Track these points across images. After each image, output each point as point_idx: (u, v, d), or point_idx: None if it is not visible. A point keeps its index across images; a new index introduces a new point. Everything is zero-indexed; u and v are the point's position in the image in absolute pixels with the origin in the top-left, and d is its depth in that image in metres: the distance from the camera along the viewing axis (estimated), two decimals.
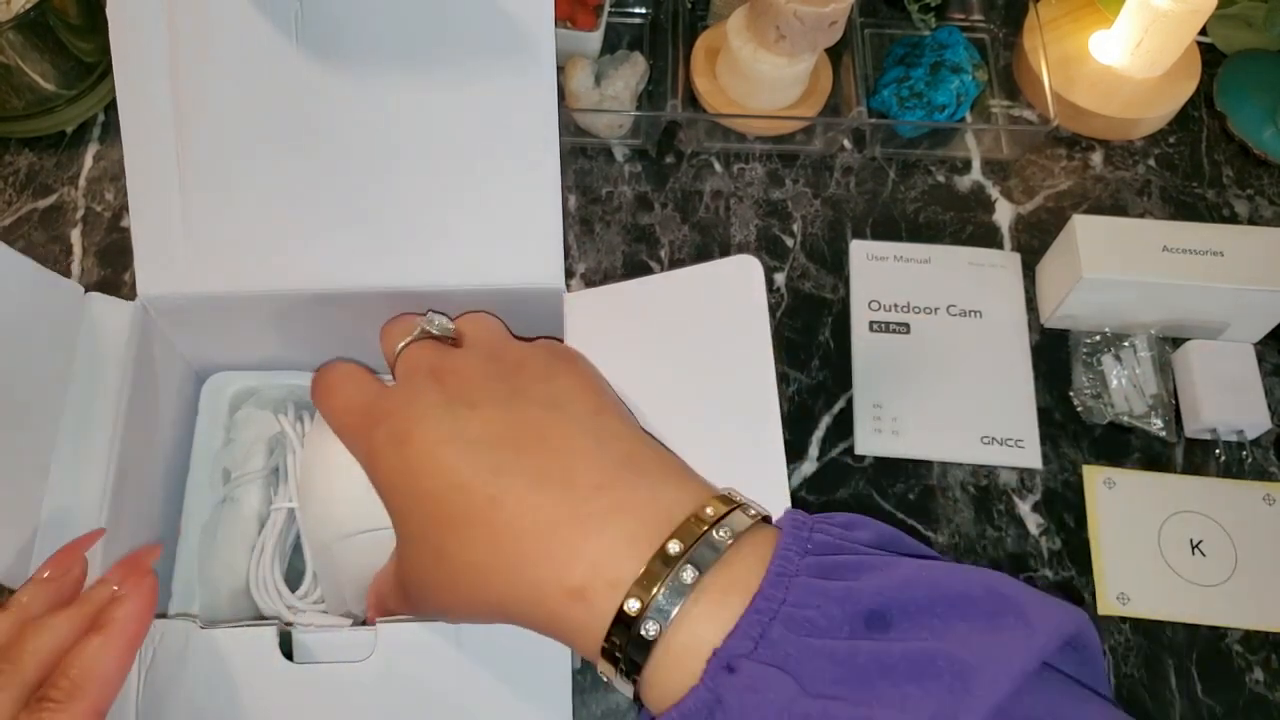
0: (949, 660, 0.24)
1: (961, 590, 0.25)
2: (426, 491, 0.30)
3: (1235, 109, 0.63)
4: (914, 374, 0.55)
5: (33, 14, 0.55)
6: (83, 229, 0.58)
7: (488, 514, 0.29)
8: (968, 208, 0.61)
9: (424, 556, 0.31)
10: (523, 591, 0.28)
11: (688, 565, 0.26)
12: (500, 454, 0.30)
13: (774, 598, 0.25)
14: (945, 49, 0.62)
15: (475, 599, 0.29)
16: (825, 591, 0.26)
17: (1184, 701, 0.48)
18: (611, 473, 0.29)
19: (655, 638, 0.26)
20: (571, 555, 0.27)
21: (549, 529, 0.28)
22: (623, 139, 0.62)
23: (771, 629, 0.25)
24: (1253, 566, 0.51)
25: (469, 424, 0.31)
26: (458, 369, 0.33)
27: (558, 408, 0.32)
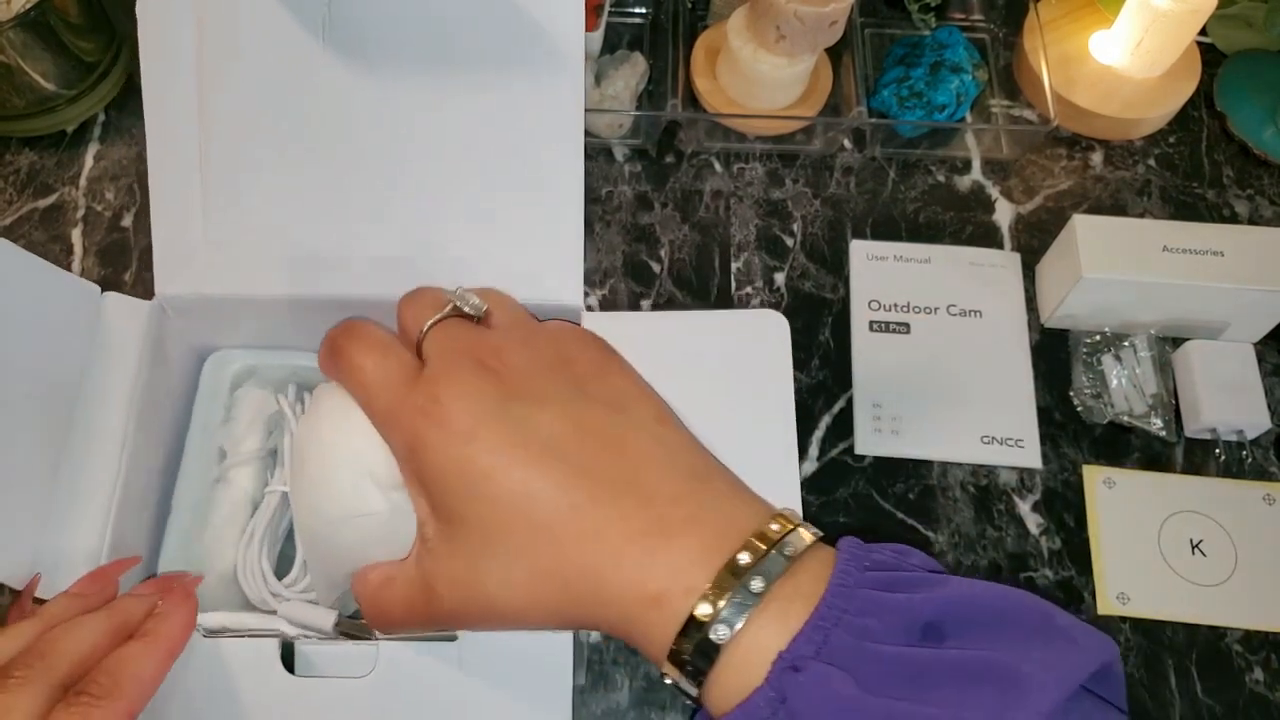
0: (1004, 669, 0.25)
1: (1012, 608, 0.27)
2: (496, 496, 0.29)
3: (1235, 109, 0.63)
4: (914, 374, 0.55)
5: (33, 13, 0.55)
6: (83, 229, 0.59)
7: (570, 521, 0.29)
8: (968, 207, 0.61)
9: (488, 559, 0.30)
10: (603, 596, 0.29)
11: (756, 576, 0.27)
12: (577, 459, 0.30)
13: (836, 606, 0.27)
14: (945, 49, 0.62)
15: (548, 602, 0.30)
16: (884, 603, 0.27)
17: (1184, 701, 0.48)
18: (684, 484, 0.30)
19: (724, 642, 0.27)
20: (653, 564, 0.28)
21: (633, 537, 0.29)
22: (623, 139, 0.62)
23: (833, 635, 0.26)
24: (1252, 566, 0.51)
25: (538, 424, 0.30)
26: (506, 359, 0.32)
27: (621, 411, 0.32)
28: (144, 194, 0.60)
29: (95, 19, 0.60)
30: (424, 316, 0.34)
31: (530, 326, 0.35)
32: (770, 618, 0.27)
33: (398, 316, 0.35)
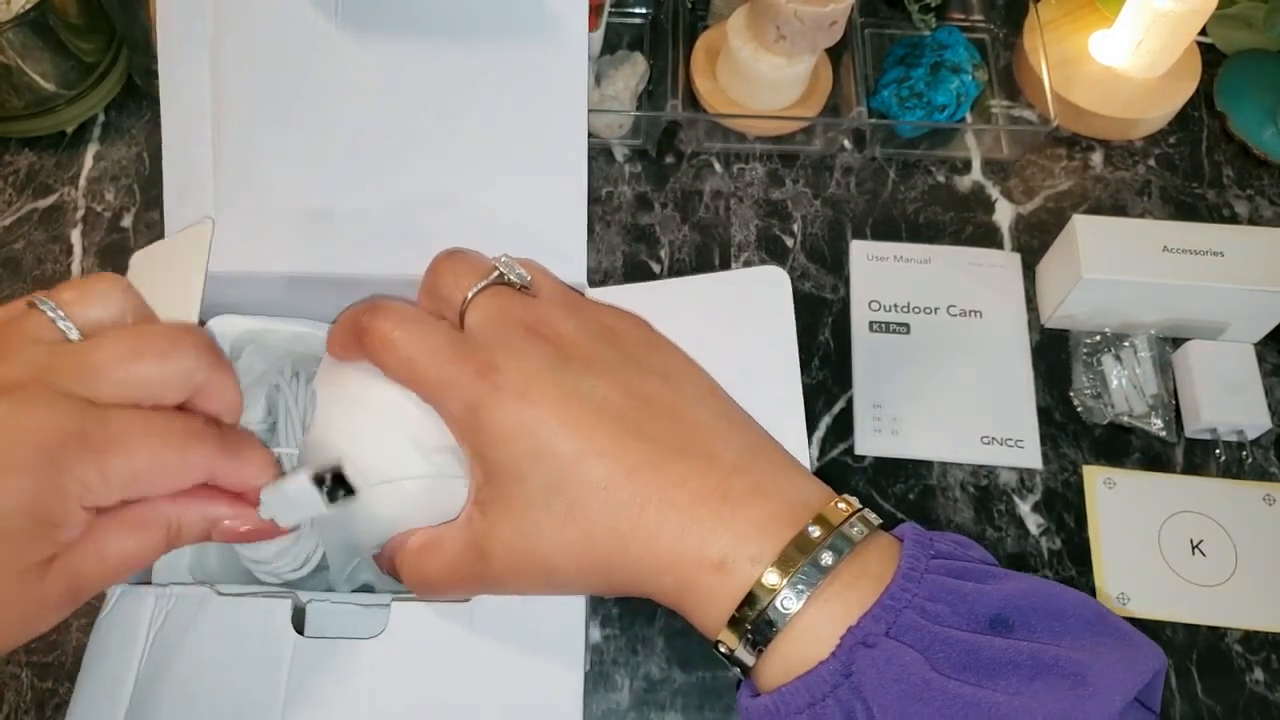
0: (1071, 664, 0.25)
1: (1073, 608, 0.27)
2: (556, 455, 0.29)
3: (1235, 109, 0.63)
4: (914, 374, 0.55)
5: (33, 14, 0.55)
6: (83, 229, 0.59)
7: (632, 481, 0.29)
8: (968, 208, 0.61)
9: (546, 518, 0.29)
10: (662, 559, 0.29)
11: (826, 550, 0.27)
12: (635, 422, 0.30)
13: (908, 589, 0.27)
14: (945, 49, 0.62)
15: (603, 563, 0.29)
16: (952, 589, 0.27)
17: (1184, 702, 0.48)
18: (748, 455, 0.30)
19: (790, 613, 0.27)
20: (717, 528, 0.28)
21: (696, 500, 0.29)
22: (623, 139, 0.62)
23: (904, 615, 0.26)
24: (1253, 566, 0.51)
25: (594, 387, 0.30)
26: (556, 327, 0.32)
27: (675, 383, 0.32)
28: (144, 194, 0.60)
29: (95, 19, 0.60)
30: (466, 283, 0.33)
31: (575, 298, 0.34)
32: (837, 594, 0.27)
33: (431, 280, 0.34)
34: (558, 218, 0.40)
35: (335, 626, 0.35)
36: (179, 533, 0.30)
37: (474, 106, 0.39)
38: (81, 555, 0.28)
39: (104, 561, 0.29)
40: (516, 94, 0.39)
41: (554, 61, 0.39)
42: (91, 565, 0.29)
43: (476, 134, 0.40)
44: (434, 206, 0.40)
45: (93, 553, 0.29)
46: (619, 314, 0.35)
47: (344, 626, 0.35)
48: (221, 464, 0.30)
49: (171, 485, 0.29)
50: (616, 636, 0.49)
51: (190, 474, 0.30)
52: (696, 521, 0.28)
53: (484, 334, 0.32)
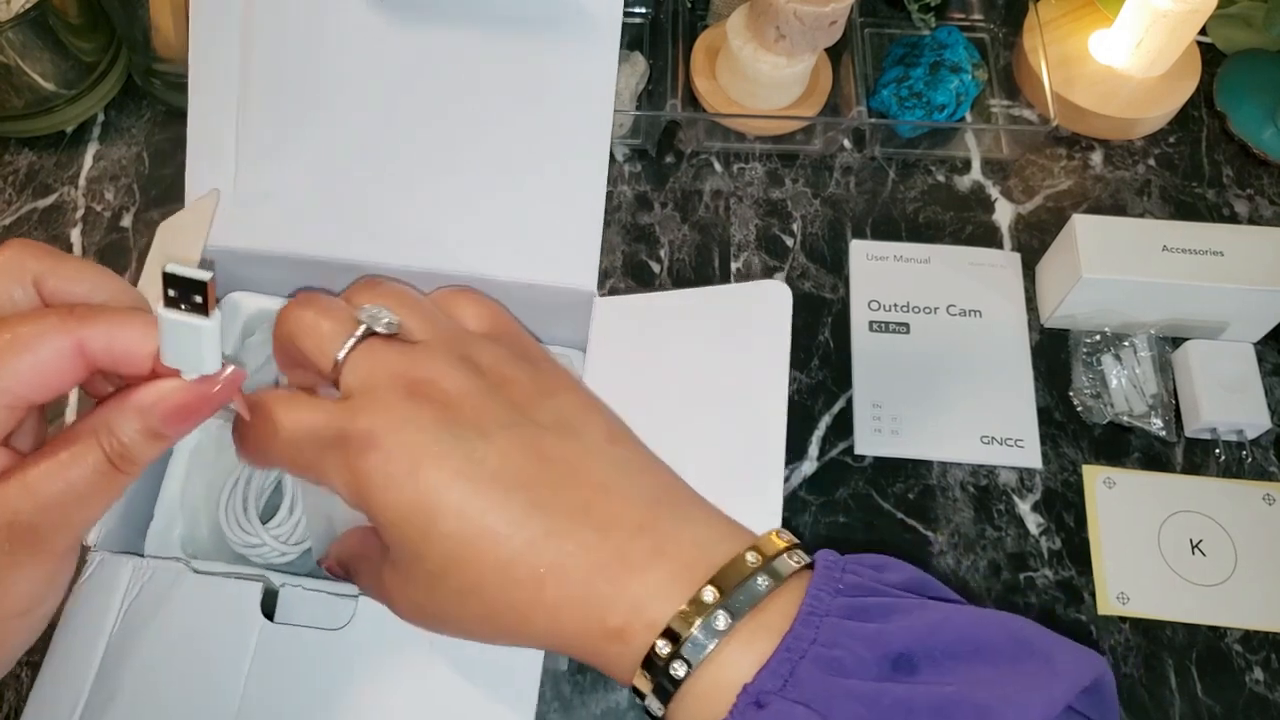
0: (972, 706, 0.24)
1: (987, 637, 0.26)
2: (449, 534, 0.28)
3: (1235, 109, 0.63)
4: (914, 374, 0.55)
5: (33, 13, 0.55)
6: (83, 229, 0.59)
7: (528, 559, 0.28)
8: (967, 207, 0.61)
9: (445, 594, 0.29)
10: (564, 630, 0.28)
11: (721, 611, 0.27)
12: (530, 491, 0.28)
13: (804, 637, 0.26)
14: (945, 49, 0.62)
15: (510, 635, 0.29)
16: (854, 633, 0.26)
17: (1183, 701, 0.48)
18: (648, 511, 0.29)
19: (683, 678, 0.27)
20: (615, 597, 0.28)
21: (594, 571, 0.28)
22: (623, 139, 0.62)
23: (800, 667, 0.26)
24: (1252, 566, 0.51)
25: (485, 455, 0.29)
26: (440, 384, 0.30)
27: (572, 434, 0.30)
28: (143, 194, 0.60)
29: (95, 19, 0.60)
30: (332, 344, 0.30)
31: (459, 343, 0.32)
32: (735, 651, 0.26)
33: (290, 340, 0.31)
34: (573, 224, 0.40)
35: (304, 614, 0.35)
36: (119, 444, 0.27)
37: (500, 102, 0.40)
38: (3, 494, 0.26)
39: (31, 491, 0.26)
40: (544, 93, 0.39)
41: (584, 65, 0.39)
42: (21, 500, 0.26)
43: (500, 130, 0.40)
44: (453, 200, 0.40)
45: (15, 487, 0.26)
46: (510, 355, 0.32)
47: (312, 615, 0.35)
48: (82, 330, 0.27)
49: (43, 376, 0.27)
50: None
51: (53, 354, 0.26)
52: (595, 592, 0.28)
53: (361, 400, 0.29)
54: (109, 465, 0.27)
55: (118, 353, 0.27)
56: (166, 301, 0.27)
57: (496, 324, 0.35)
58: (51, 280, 0.28)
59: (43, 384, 0.27)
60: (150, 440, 0.28)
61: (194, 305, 0.27)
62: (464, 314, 0.35)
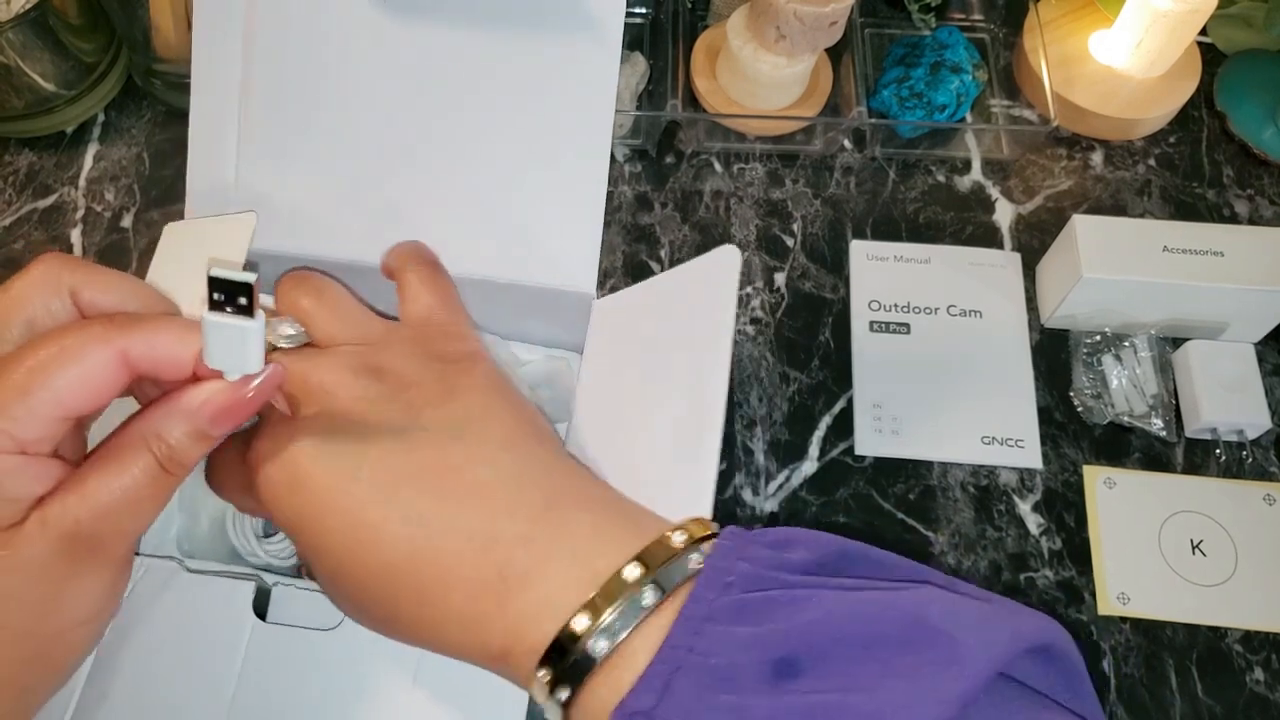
0: (855, 715, 0.23)
1: (880, 630, 0.25)
2: (336, 541, 0.29)
3: (1235, 109, 0.63)
4: (914, 374, 0.55)
5: (33, 14, 0.55)
6: (83, 229, 0.58)
7: (410, 571, 0.28)
8: (968, 208, 0.61)
9: (345, 597, 0.30)
10: (452, 649, 0.29)
11: (601, 636, 0.26)
12: (410, 499, 0.28)
13: (680, 645, 0.25)
14: (945, 49, 0.62)
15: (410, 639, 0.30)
16: (734, 638, 0.25)
17: (1184, 702, 0.48)
18: (534, 520, 0.28)
19: (567, 700, 0.26)
20: (495, 619, 0.27)
21: (475, 591, 0.27)
22: (623, 139, 0.62)
23: (675, 680, 0.25)
24: (1253, 566, 0.51)
25: (363, 464, 0.29)
26: (333, 393, 0.30)
27: (467, 438, 0.30)
28: (144, 194, 0.60)
29: (95, 19, 0.60)
30: None
31: (364, 351, 0.32)
32: (618, 668, 0.26)
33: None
34: (573, 226, 0.40)
35: (295, 613, 0.35)
36: (167, 447, 0.28)
37: (501, 102, 0.40)
38: (61, 502, 0.27)
39: (89, 500, 0.27)
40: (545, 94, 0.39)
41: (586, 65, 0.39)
42: (79, 508, 0.27)
43: (501, 130, 0.40)
44: (452, 200, 0.40)
45: (74, 497, 0.27)
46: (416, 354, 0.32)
47: (304, 614, 0.35)
48: (124, 339, 0.27)
49: (91, 387, 0.27)
50: None
51: (98, 364, 0.27)
52: (475, 614, 0.27)
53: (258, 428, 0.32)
54: (160, 469, 0.28)
55: (159, 359, 0.28)
56: (211, 305, 0.27)
57: (429, 312, 0.35)
58: (87, 292, 0.29)
59: (91, 394, 0.27)
60: (197, 442, 0.28)
61: (239, 307, 0.27)
62: (404, 292, 0.36)
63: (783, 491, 0.52)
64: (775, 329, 0.57)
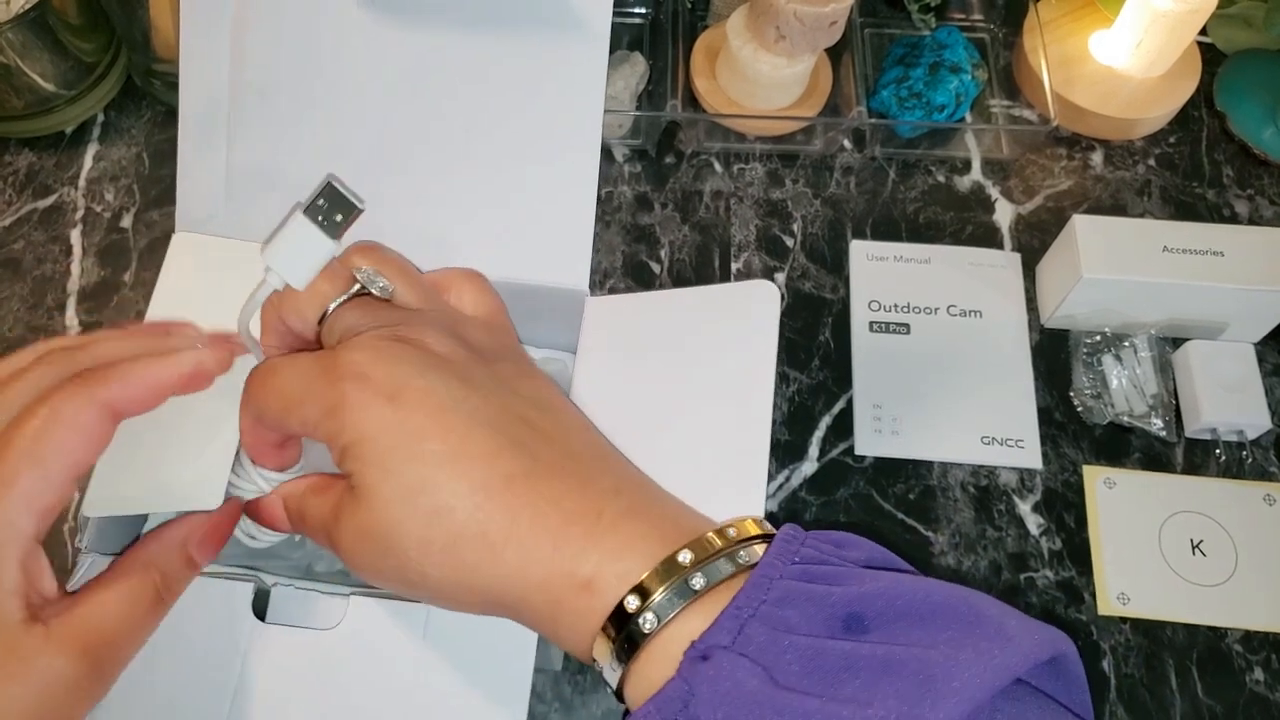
0: (919, 664, 0.24)
1: (942, 602, 0.26)
2: (426, 454, 0.28)
3: (1235, 109, 0.63)
4: (914, 374, 0.55)
5: (32, 14, 0.55)
6: (82, 229, 0.58)
7: (508, 491, 0.28)
8: (968, 208, 0.61)
9: (412, 517, 0.28)
10: (532, 573, 0.28)
11: (697, 574, 0.27)
12: (511, 434, 0.29)
13: (755, 597, 0.26)
14: (945, 49, 0.62)
15: (470, 572, 0.28)
16: (805, 593, 0.26)
17: (1184, 702, 0.48)
18: (621, 480, 0.30)
19: (650, 633, 0.27)
20: (587, 547, 0.28)
21: (570, 518, 0.28)
22: (622, 139, 0.62)
23: (749, 625, 0.26)
24: (1253, 567, 0.51)
25: (469, 397, 0.29)
26: (427, 341, 0.30)
27: (550, 411, 0.31)
28: (143, 194, 0.60)
29: (94, 19, 0.60)
30: (327, 296, 0.32)
31: (450, 319, 0.33)
32: (693, 613, 0.27)
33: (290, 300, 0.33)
34: (564, 223, 0.40)
35: (295, 614, 0.35)
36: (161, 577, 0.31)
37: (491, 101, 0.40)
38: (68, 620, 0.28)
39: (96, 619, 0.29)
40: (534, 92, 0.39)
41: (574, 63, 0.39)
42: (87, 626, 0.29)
43: (491, 129, 0.40)
44: (444, 199, 0.40)
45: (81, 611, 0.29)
46: (495, 342, 0.33)
47: (303, 615, 0.35)
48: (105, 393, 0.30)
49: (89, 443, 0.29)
50: None
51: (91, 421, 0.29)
52: (568, 539, 0.28)
53: (350, 341, 0.30)
54: (158, 597, 0.31)
55: (138, 399, 0.30)
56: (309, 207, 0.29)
57: (491, 315, 0.36)
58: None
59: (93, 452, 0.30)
60: (187, 568, 0.32)
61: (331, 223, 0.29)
62: (462, 298, 0.36)
63: (783, 492, 0.52)
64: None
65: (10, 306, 0.56)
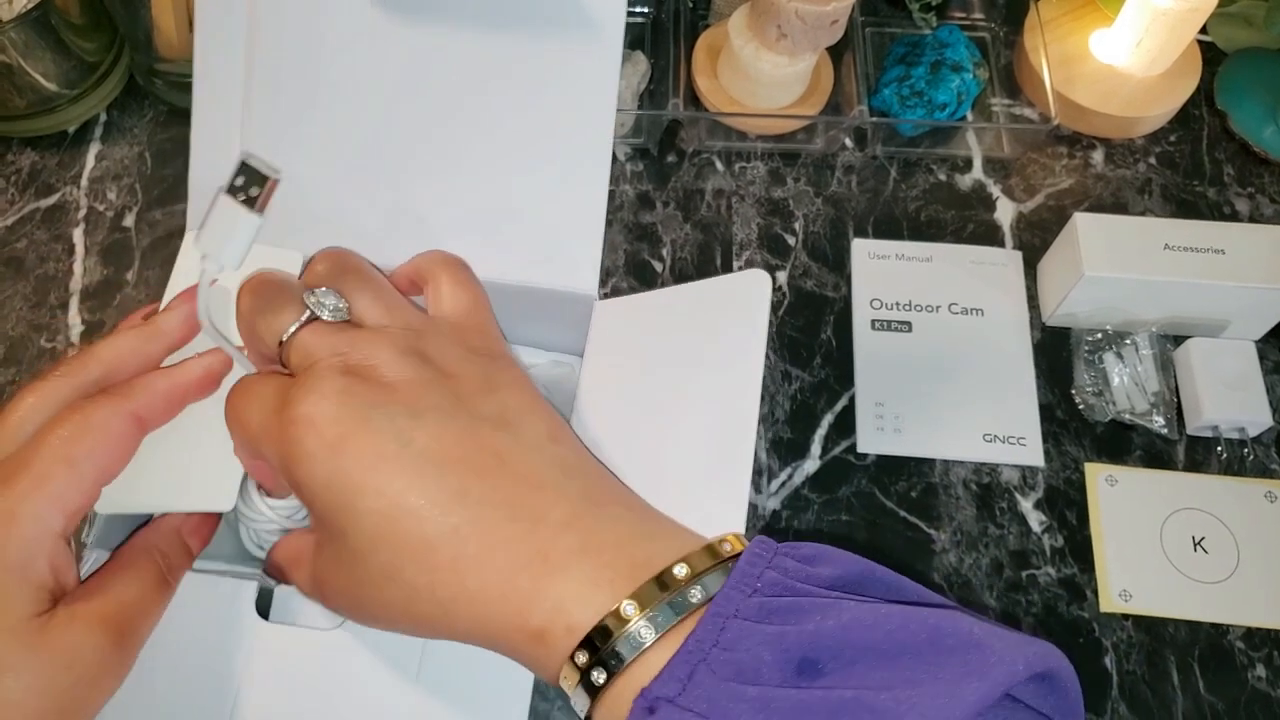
0: (870, 710, 0.23)
1: (903, 638, 0.25)
2: (373, 510, 0.28)
3: (1236, 107, 0.63)
4: (916, 372, 0.55)
5: (35, 13, 0.55)
6: (85, 228, 0.59)
7: (451, 545, 0.27)
8: (969, 206, 0.61)
9: (367, 574, 0.28)
10: (486, 626, 0.28)
11: (644, 623, 0.26)
12: (458, 477, 0.28)
13: (706, 640, 0.25)
14: (946, 47, 0.62)
15: (430, 625, 0.29)
16: (758, 635, 0.25)
17: (1186, 699, 0.48)
18: (575, 508, 0.29)
19: (602, 685, 0.26)
20: (536, 597, 0.27)
21: (517, 567, 0.27)
22: (624, 138, 0.62)
23: (698, 672, 0.25)
24: (1255, 564, 0.51)
25: (415, 435, 0.28)
26: (380, 369, 0.30)
27: (510, 429, 0.30)
28: (146, 193, 0.60)
29: (97, 19, 0.60)
30: (281, 324, 0.32)
31: (409, 334, 0.32)
32: (649, 658, 0.26)
33: (246, 321, 0.33)
34: (574, 227, 0.40)
35: (298, 613, 0.36)
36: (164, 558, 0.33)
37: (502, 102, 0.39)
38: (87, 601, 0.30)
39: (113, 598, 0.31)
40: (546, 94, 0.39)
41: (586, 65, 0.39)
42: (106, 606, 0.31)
43: (502, 130, 0.39)
44: (454, 202, 0.40)
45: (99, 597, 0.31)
46: (459, 350, 0.32)
47: (307, 614, 0.35)
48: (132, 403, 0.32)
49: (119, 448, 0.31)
50: None
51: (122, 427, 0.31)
52: (516, 587, 0.27)
53: (300, 378, 0.30)
54: (163, 579, 0.33)
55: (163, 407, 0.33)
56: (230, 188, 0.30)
57: (467, 311, 0.35)
58: None
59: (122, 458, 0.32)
60: (185, 555, 0.34)
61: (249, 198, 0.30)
62: (439, 291, 0.36)
63: (785, 490, 0.53)
64: (777, 327, 0.57)
65: (13, 305, 0.56)
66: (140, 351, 0.34)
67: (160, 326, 0.34)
